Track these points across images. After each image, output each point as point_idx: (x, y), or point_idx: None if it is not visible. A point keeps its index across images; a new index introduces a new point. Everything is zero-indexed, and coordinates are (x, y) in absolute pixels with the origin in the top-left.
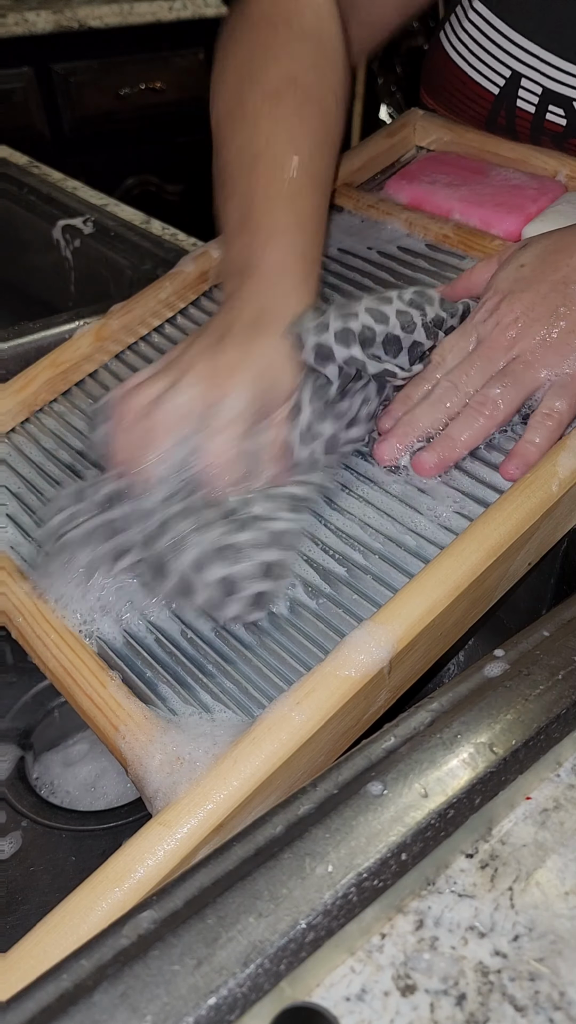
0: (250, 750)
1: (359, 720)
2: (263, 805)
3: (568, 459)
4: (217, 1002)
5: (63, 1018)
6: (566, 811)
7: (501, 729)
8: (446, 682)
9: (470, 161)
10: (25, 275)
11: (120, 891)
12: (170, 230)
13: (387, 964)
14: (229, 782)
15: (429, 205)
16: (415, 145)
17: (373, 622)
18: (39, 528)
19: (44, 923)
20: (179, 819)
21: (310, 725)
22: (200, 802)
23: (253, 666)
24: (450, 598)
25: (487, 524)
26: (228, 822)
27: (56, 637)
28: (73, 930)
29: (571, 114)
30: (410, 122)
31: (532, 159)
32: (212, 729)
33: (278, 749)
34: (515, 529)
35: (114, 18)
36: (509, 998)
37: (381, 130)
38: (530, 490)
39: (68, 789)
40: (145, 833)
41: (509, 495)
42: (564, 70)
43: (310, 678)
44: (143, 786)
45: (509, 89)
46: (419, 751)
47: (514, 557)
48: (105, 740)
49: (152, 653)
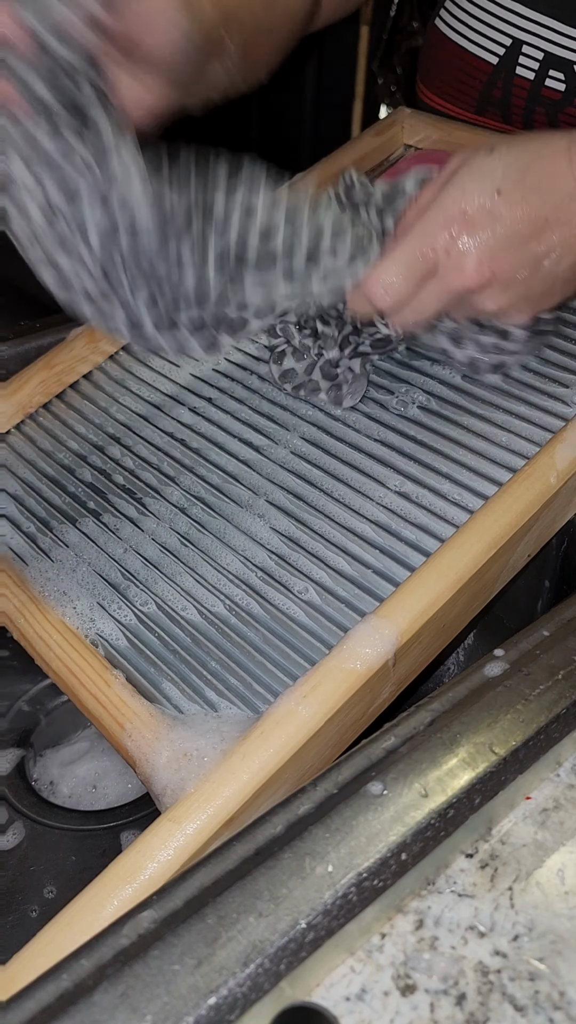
0: (258, 744)
1: (365, 712)
2: (272, 799)
3: (566, 451)
4: (217, 1002)
5: (63, 1018)
6: (566, 811)
7: (501, 729)
8: (446, 682)
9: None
10: (25, 275)
11: (131, 888)
12: None
13: (387, 964)
14: (238, 776)
15: None
16: (403, 143)
17: (377, 615)
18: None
19: (56, 921)
20: (189, 815)
21: (317, 718)
22: (210, 797)
23: (257, 661)
24: (452, 590)
25: (487, 516)
26: (238, 816)
27: (59, 637)
28: (86, 928)
29: (571, 78)
30: (398, 120)
31: None
32: (218, 725)
33: (286, 743)
34: (515, 521)
35: None
36: (509, 998)
37: (369, 129)
38: (529, 482)
39: (68, 789)
40: (155, 830)
41: (508, 487)
42: (566, 34)
43: (316, 672)
44: (151, 783)
45: (509, 57)
46: (419, 751)
47: (514, 549)
48: (111, 739)
49: (155, 651)
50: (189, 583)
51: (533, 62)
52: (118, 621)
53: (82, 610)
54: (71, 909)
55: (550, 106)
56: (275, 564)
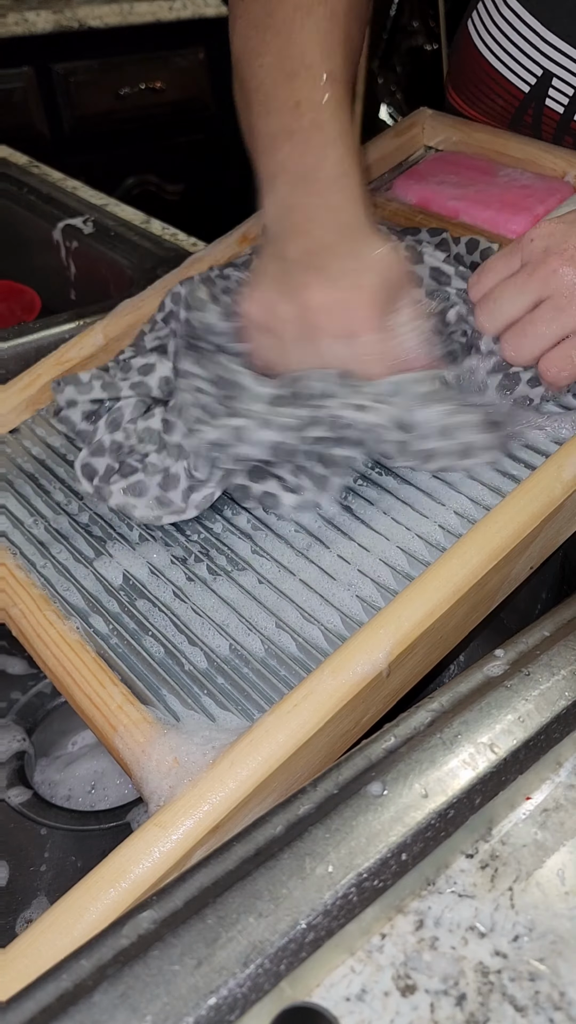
0: (247, 752)
1: (357, 723)
2: (260, 807)
3: (572, 463)
4: (217, 1002)
5: (63, 1018)
6: (566, 811)
7: (501, 729)
8: (446, 682)
9: (478, 161)
10: (25, 275)
11: (115, 891)
12: (170, 230)
13: (387, 964)
14: (226, 784)
15: (437, 205)
16: (423, 145)
17: (372, 625)
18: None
19: (39, 922)
20: (175, 820)
21: (307, 728)
22: (197, 804)
23: (252, 668)
24: (450, 601)
25: (489, 527)
26: (224, 824)
27: (56, 636)
28: (68, 930)
29: None
30: (419, 122)
31: (541, 159)
32: (210, 731)
33: (275, 751)
34: (517, 532)
35: (114, 18)
36: (509, 998)
37: (389, 129)
38: (533, 493)
39: (68, 789)
40: (141, 834)
41: (512, 498)
42: None
43: (308, 681)
44: (141, 787)
45: (539, 88)
46: (419, 751)
47: (516, 561)
48: (104, 740)
49: (151, 654)
50: (190, 584)
51: (563, 96)
52: (117, 622)
53: (81, 610)
54: (53, 912)
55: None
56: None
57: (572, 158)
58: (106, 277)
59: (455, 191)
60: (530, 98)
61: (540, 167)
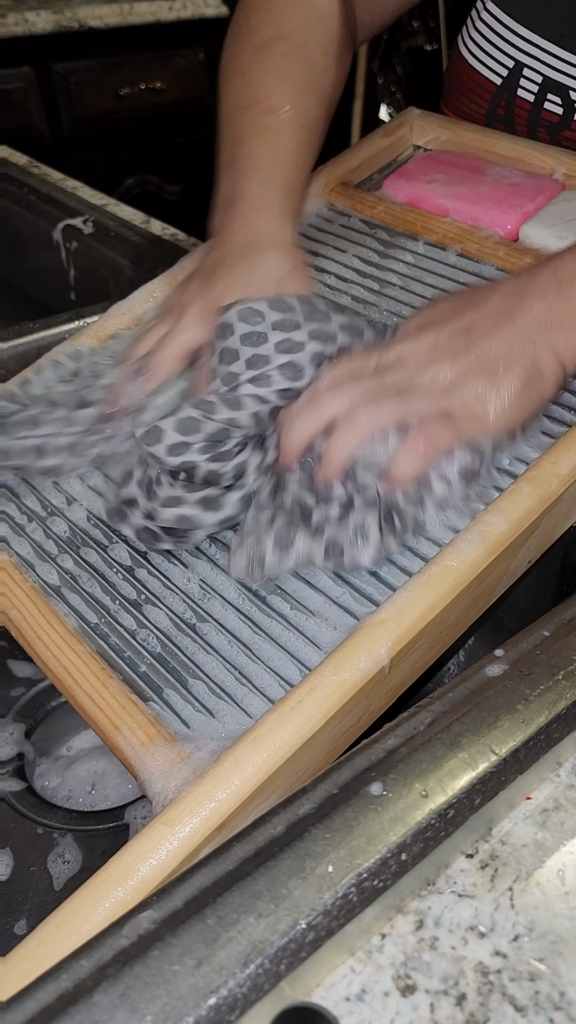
0: (251, 749)
1: (360, 719)
2: (265, 804)
3: (568, 456)
4: (217, 1002)
5: (63, 1018)
6: (566, 811)
7: (501, 729)
8: (446, 682)
9: (468, 160)
10: (25, 275)
11: (123, 891)
12: (170, 230)
13: (387, 964)
14: (231, 781)
15: (427, 204)
16: (412, 144)
17: (373, 621)
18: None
19: (46, 923)
20: (181, 818)
21: (311, 724)
22: (202, 801)
23: (256, 664)
24: (450, 596)
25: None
26: (230, 821)
27: (56, 636)
28: (75, 930)
29: (568, 103)
30: (407, 121)
31: (530, 157)
32: (213, 728)
33: (279, 748)
34: (515, 526)
35: (114, 18)
36: (509, 998)
37: (378, 129)
38: (530, 487)
39: (68, 789)
40: (147, 833)
41: (510, 492)
42: (563, 59)
43: (311, 678)
44: (146, 787)
45: (511, 79)
46: (419, 751)
47: (515, 555)
48: (106, 740)
49: (152, 652)
50: (191, 585)
51: (533, 85)
52: (117, 622)
53: (81, 609)
54: (61, 912)
55: (550, 128)
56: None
57: (561, 156)
58: (106, 277)
59: (445, 190)
60: (502, 90)
61: (529, 165)
